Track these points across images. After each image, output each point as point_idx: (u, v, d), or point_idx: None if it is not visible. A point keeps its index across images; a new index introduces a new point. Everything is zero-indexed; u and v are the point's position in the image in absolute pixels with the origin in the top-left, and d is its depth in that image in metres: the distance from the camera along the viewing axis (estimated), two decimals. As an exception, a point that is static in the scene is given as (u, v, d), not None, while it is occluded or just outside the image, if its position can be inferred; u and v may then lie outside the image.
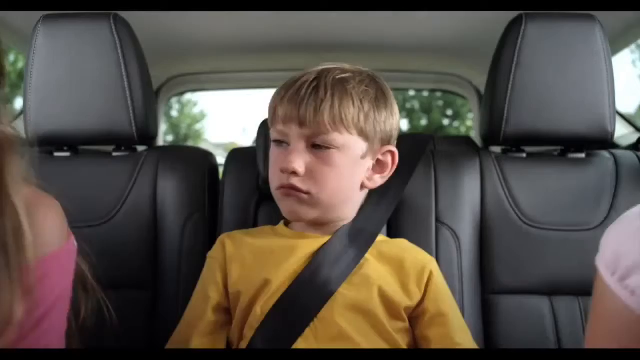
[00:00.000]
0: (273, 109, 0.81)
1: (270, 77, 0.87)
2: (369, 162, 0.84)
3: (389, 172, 0.86)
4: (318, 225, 0.84)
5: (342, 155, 0.79)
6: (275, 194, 0.82)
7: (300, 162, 0.78)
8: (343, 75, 0.80)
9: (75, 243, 0.66)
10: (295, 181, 0.78)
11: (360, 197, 0.87)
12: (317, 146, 0.79)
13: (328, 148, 0.78)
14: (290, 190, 0.79)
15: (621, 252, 0.57)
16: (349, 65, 0.84)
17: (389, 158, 0.85)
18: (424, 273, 0.82)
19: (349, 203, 0.85)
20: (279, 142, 0.81)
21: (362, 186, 0.85)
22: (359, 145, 0.80)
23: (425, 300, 0.81)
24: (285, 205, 0.82)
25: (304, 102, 0.77)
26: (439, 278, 0.84)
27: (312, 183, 0.78)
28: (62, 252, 0.61)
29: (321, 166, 0.78)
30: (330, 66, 0.83)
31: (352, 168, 0.81)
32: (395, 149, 0.85)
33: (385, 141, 0.84)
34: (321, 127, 0.77)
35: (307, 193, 0.79)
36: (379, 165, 0.85)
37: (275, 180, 0.82)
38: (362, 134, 0.80)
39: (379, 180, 0.85)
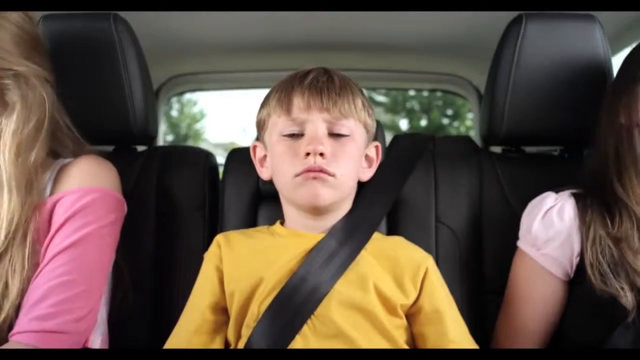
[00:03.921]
0: (286, 100, 0.82)
1: (270, 77, 0.86)
2: (363, 155, 0.88)
3: (375, 166, 0.91)
4: (320, 215, 0.84)
5: (354, 144, 0.84)
6: (294, 181, 0.81)
7: (326, 144, 0.80)
8: (344, 74, 0.87)
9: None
10: (323, 163, 0.79)
11: (355, 190, 0.89)
12: (333, 135, 0.82)
13: (344, 136, 0.82)
14: (318, 172, 0.79)
15: (533, 230, 0.89)
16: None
17: (373, 152, 0.90)
18: (420, 271, 0.82)
19: (352, 193, 0.88)
20: (292, 135, 0.82)
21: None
22: (362, 136, 0.86)
23: (421, 298, 0.81)
24: (307, 190, 0.80)
25: (325, 89, 0.81)
26: (434, 275, 0.84)
27: (335, 166, 0.81)
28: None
29: (341, 152, 0.81)
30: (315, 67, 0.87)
31: (359, 157, 0.86)
32: (379, 144, 0.91)
33: (372, 136, 0.90)
34: (341, 112, 0.82)
35: (333, 175, 0.80)
36: (367, 160, 0.90)
37: (294, 166, 0.80)
38: (365, 125, 0.86)
39: (368, 173, 0.90)
